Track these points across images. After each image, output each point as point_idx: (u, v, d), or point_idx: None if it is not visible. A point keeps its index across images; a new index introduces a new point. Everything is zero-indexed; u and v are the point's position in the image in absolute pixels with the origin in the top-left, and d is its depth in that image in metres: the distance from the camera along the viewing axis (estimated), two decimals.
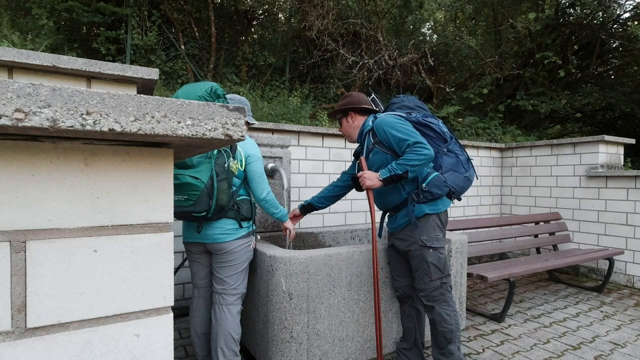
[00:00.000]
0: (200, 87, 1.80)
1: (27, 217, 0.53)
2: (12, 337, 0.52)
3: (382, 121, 2.06)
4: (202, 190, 1.77)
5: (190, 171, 1.78)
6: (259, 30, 7.31)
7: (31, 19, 4.72)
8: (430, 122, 2.12)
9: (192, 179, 1.76)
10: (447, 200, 2.08)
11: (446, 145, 2.12)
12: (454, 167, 2.09)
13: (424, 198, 2.00)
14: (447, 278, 2.02)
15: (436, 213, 2.01)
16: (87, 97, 0.48)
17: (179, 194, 1.78)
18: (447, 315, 1.97)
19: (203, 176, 1.78)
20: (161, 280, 0.63)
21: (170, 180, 0.64)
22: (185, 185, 1.76)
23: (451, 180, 2.06)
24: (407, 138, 1.94)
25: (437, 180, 2.01)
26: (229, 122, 0.58)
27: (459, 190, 2.09)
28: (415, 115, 2.14)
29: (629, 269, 4.12)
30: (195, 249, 2.03)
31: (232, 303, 1.98)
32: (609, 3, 6.28)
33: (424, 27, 8.48)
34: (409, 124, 2.03)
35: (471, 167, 2.15)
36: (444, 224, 2.08)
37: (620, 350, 2.58)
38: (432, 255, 1.98)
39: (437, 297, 1.98)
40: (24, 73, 1.48)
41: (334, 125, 5.68)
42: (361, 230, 3.08)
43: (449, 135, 2.14)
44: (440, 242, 2.01)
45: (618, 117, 8.35)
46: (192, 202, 1.77)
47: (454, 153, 2.11)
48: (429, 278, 1.98)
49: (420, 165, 1.91)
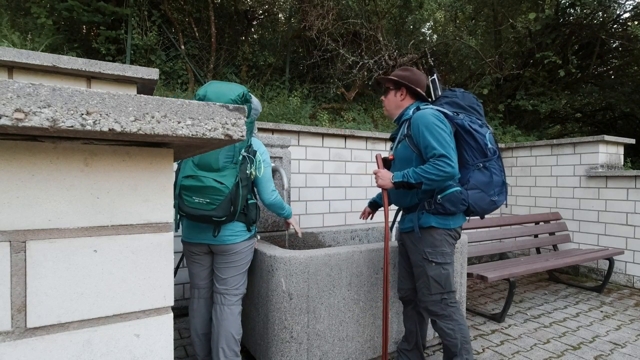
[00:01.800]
0: (233, 89, 1.80)
1: (27, 217, 0.53)
2: (12, 337, 0.52)
3: (421, 116, 1.89)
4: (226, 195, 1.75)
5: (215, 175, 1.76)
6: (259, 30, 7.31)
7: (31, 18, 4.72)
8: (476, 129, 1.90)
9: (217, 183, 1.74)
10: (461, 218, 1.95)
11: (484, 160, 1.91)
12: (483, 187, 1.90)
13: (435, 209, 1.89)
14: (449, 294, 1.91)
15: (445, 228, 1.90)
16: (87, 97, 0.48)
17: (200, 196, 1.75)
18: (450, 330, 1.90)
19: (228, 181, 1.77)
20: (161, 280, 0.63)
21: (170, 180, 0.64)
22: (209, 189, 1.73)
23: (474, 200, 1.89)
24: (436, 147, 1.79)
25: (454, 197, 1.86)
26: (229, 122, 0.58)
27: (479, 211, 1.93)
28: (463, 118, 1.92)
29: (629, 269, 4.12)
30: (197, 250, 2.01)
31: (234, 303, 1.98)
32: (609, 3, 6.27)
33: (424, 27, 8.48)
34: (447, 129, 1.85)
35: (504, 193, 1.94)
36: (454, 240, 1.95)
37: (620, 350, 2.58)
38: (433, 269, 1.89)
39: (438, 312, 1.92)
40: (24, 73, 1.48)
41: (334, 125, 5.68)
42: (361, 230, 3.08)
43: (492, 151, 1.91)
44: (446, 258, 1.90)
45: (618, 117, 8.35)
46: (214, 207, 1.75)
47: (490, 172, 1.90)
48: (428, 292, 1.91)
49: (437, 181, 1.78)
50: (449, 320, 1.91)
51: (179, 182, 1.78)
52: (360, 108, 6.58)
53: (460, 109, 1.97)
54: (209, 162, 1.78)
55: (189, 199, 1.76)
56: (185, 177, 1.76)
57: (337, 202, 3.85)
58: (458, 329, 1.90)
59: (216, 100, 1.75)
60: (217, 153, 1.78)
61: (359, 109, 6.53)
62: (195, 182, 1.74)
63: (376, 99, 7.00)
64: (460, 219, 1.95)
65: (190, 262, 2.09)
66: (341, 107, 6.45)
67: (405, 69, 2.08)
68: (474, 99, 2.02)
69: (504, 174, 1.96)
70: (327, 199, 3.78)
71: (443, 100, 2.01)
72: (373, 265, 2.18)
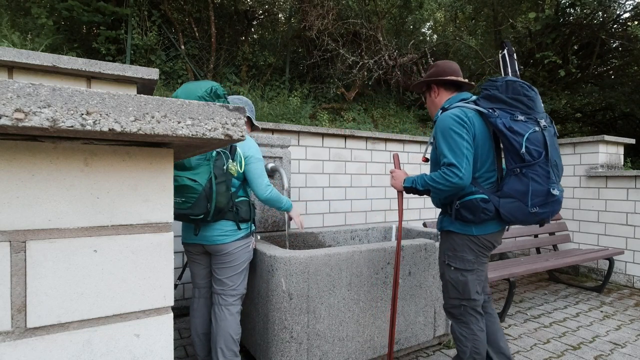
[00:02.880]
0: (201, 86, 1.78)
1: (27, 217, 0.53)
2: (12, 337, 0.52)
3: (440, 120, 1.77)
4: (200, 193, 1.75)
5: (188, 173, 1.76)
6: (259, 30, 7.31)
7: (31, 18, 4.72)
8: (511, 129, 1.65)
9: (190, 181, 1.74)
10: (491, 225, 1.78)
11: (521, 165, 1.65)
12: (519, 196, 1.66)
13: (455, 215, 1.80)
14: (470, 302, 1.83)
15: (466, 234, 1.79)
16: (87, 97, 0.48)
17: (177, 196, 1.77)
18: (463, 337, 1.86)
19: (201, 179, 1.76)
20: (161, 280, 0.63)
21: (170, 180, 0.64)
22: (184, 188, 1.74)
23: (508, 210, 1.68)
24: (447, 154, 1.67)
25: (472, 204, 1.72)
26: (229, 122, 0.58)
27: (514, 221, 1.72)
28: (498, 116, 1.68)
29: (629, 269, 4.12)
30: (194, 250, 2.03)
31: (232, 303, 1.98)
32: (609, 3, 6.27)
33: (424, 27, 8.48)
34: (465, 134, 1.68)
35: (550, 204, 1.64)
36: (481, 247, 1.80)
37: (620, 350, 2.58)
38: (452, 273, 1.84)
39: (456, 315, 1.89)
40: (24, 73, 1.48)
41: (334, 125, 5.68)
42: (361, 230, 3.08)
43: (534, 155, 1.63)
44: (466, 264, 1.80)
45: (618, 117, 8.35)
46: (190, 205, 1.75)
47: (528, 179, 1.64)
48: (447, 295, 1.89)
49: (444, 191, 1.69)
50: (465, 326, 1.86)
51: None
52: (360, 108, 6.58)
53: (500, 103, 1.71)
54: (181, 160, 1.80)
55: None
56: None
57: (337, 202, 3.85)
58: (471, 338, 1.84)
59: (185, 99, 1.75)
60: None
61: (359, 109, 6.53)
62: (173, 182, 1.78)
63: (376, 99, 7.00)
64: (489, 226, 1.77)
65: (190, 262, 2.10)
66: (341, 107, 6.45)
67: (431, 67, 1.98)
68: (520, 88, 1.68)
69: (551, 180, 1.63)
70: (327, 199, 3.78)
71: (482, 93, 1.79)
72: (373, 266, 2.18)
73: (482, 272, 1.88)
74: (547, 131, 1.67)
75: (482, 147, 1.76)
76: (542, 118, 1.69)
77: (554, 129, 1.72)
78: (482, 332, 1.88)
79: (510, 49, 1.87)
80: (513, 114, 1.68)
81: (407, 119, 6.72)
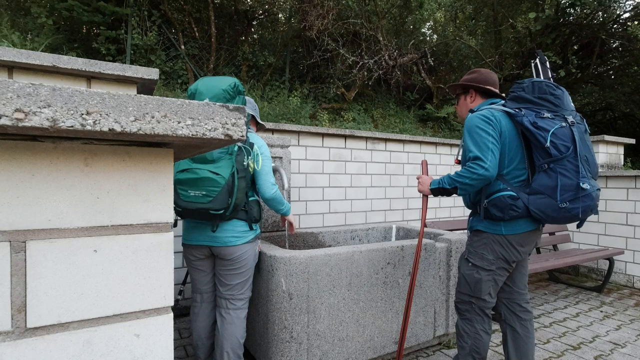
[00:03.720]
0: (224, 80, 1.75)
1: (27, 217, 0.53)
2: (12, 337, 0.52)
3: (467, 121, 1.82)
4: (223, 186, 1.67)
5: (210, 166, 1.68)
6: (259, 30, 7.31)
7: (31, 18, 4.73)
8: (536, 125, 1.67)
9: (212, 174, 1.66)
10: (522, 224, 1.76)
11: (548, 160, 1.65)
12: (548, 191, 1.65)
13: (483, 214, 1.81)
14: (479, 301, 1.85)
15: (494, 233, 1.79)
16: (87, 97, 0.48)
17: (196, 189, 1.66)
18: (465, 333, 1.88)
19: (224, 172, 1.69)
20: (161, 280, 0.63)
21: (170, 180, 0.64)
22: (204, 181, 1.65)
23: (537, 206, 1.68)
24: (472, 149, 1.71)
25: (500, 202, 1.73)
26: (229, 122, 0.58)
27: (545, 218, 1.69)
28: (524, 114, 1.71)
29: (629, 269, 4.12)
30: (198, 253, 1.90)
31: (240, 307, 1.92)
32: (609, 3, 6.28)
33: (424, 27, 8.48)
34: (491, 131, 1.71)
35: (581, 199, 1.61)
36: (508, 248, 1.78)
37: (620, 350, 2.58)
38: (467, 268, 1.87)
39: (461, 310, 1.91)
40: (24, 73, 1.48)
41: (334, 125, 5.68)
42: (361, 230, 3.08)
43: (561, 149, 1.63)
44: (484, 263, 1.81)
45: (618, 117, 8.36)
46: (210, 199, 1.67)
47: (556, 174, 1.64)
48: (458, 288, 1.93)
49: (471, 185, 1.70)
50: (469, 323, 1.87)
51: (175, 177, 1.67)
52: (360, 108, 6.58)
53: (527, 103, 1.75)
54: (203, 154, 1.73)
55: (184, 193, 1.67)
56: (180, 172, 1.68)
57: (337, 202, 3.85)
58: (473, 336, 1.85)
59: (207, 93, 1.71)
60: None
61: (359, 109, 6.53)
62: (190, 175, 1.66)
63: (376, 99, 7.00)
64: (519, 225, 1.76)
65: (191, 268, 1.98)
66: (341, 107, 6.45)
67: (472, 72, 2.02)
68: (546, 87, 1.72)
69: (580, 175, 1.61)
70: (327, 199, 3.78)
71: (509, 96, 1.84)
72: (373, 266, 2.18)
73: (500, 275, 1.84)
74: (576, 127, 1.67)
75: (509, 144, 1.77)
76: (570, 115, 1.71)
77: (584, 126, 1.73)
78: (486, 333, 1.87)
79: (542, 58, 1.90)
80: (539, 112, 1.70)
81: (407, 119, 6.72)
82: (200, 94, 1.72)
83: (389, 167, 4.15)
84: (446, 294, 2.50)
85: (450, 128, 6.77)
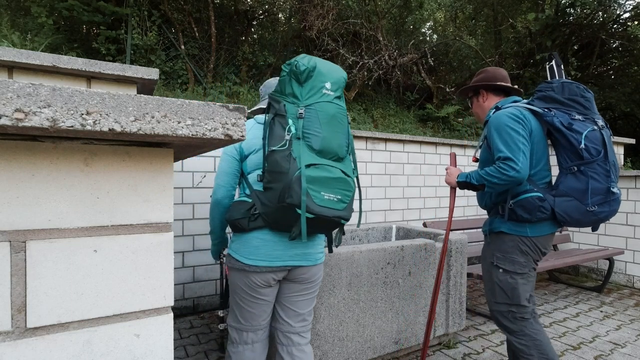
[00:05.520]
0: (340, 69, 1.48)
1: (27, 217, 0.53)
2: (12, 337, 0.52)
3: (495, 118, 1.75)
4: (353, 191, 1.38)
5: (340, 165, 1.38)
6: (259, 30, 7.31)
7: (31, 18, 4.73)
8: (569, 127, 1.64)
9: (344, 175, 1.35)
10: (546, 226, 1.73)
11: (579, 163, 1.63)
12: (576, 194, 1.63)
13: (508, 215, 1.74)
14: (519, 308, 1.74)
15: (519, 235, 1.73)
16: (87, 97, 0.48)
17: (330, 191, 1.30)
18: (523, 346, 1.73)
19: (350, 172, 1.41)
20: (161, 280, 0.63)
21: (170, 180, 0.64)
22: (339, 182, 1.32)
23: (563, 209, 1.65)
24: (502, 149, 1.64)
25: (528, 203, 1.68)
26: (229, 122, 0.58)
27: (570, 221, 1.67)
28: (554, 115, 1.69)
29: (629, 269, 4.13)
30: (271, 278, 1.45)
31: (309, 339, 1.60)
32: (609, 3, 6.28)
33: (424, 27, 8.49)
34: (522, 130, 1.67)
35: (609, 202, 1.61)
36: (534, 249, 1.74)
37: (620, 350, 2.58)
38: (500, 275, 1.76)
39: (508, 327, 1.77)
40: (24, 73, 1.48)
41: None
42: (361, 230, 3.08)
43: (593, 153, 1.61)
44: (516, 267, 1.73)
45: (618, 117, 8.36)
46: (345, 205, 1.34)
47: (587, 177, 1.62)
48: (494, 298, 1.80)
49: (500, 185, 1.65)
50: (521, 335, 1.74)
51: (303, 172, 1.26)
52: (360, 108, 6.58)
53: (556, 104, 1.72)
54: (333, 148, 1.37)
55: (317, 195, 1.27)
56: (308, 166, 1.29)
57: None
58: (533, 344, 1.71)
59: (329, 75, 1.41)
60: (339, 137, 1.39)
61: (359, 109, 6.53)
62: (323, 173, 1.29)
63: (376, 99, 7.00)
64: (544, 227, 1.73)
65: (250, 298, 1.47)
66: None
67: (480, 72, 1.98)
68: (577, 89, 1.70)
69: (610, 179, 1.61)
70: None
71: (535, 95, 1.80)
72: (373, 265, 2.18)
73: (532, 277, 1.79)
74: (605, 131, 1.67)
75: (537, 145, 1.73)
76: (600, 119, 1.70)
77: (609, 130, 1.73)
78: (541, 333, 1.74)
79: (558, 60, 1.86)
80: (569, 114, 1.68)
81: (407, 119, 6.73)
82: (321, 74, 1.39)
83: (389, 167, 4.15)
84: (446, 294, 2.50)
85: (450, 128, 6.77)
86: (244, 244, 1.43)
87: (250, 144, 1.50)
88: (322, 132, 1.34)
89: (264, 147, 1.36)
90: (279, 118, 1.35)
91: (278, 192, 1.29)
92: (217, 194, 1.52)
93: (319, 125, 1.34)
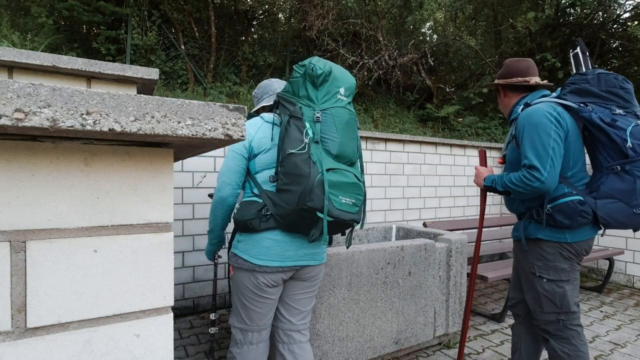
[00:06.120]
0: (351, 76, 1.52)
1: (27, 217, 0.53)
2: (12, 337, 0.52)
3: (527, 115, 1.60)
4: (364, 194, 1.41)
5: (353, 169, 1.40)
6: (259, 30, 7.31)
7: (31, 18, 4.73)
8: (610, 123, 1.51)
9: (356, 179, 1.38)
10: (587, 230, 1.61)
11: (623, 162, 1.50)
12: (621, 195, 1.51)
13: (545, 221, 1.61)
14: (568, 315, 1.63)
15: (558, 242, 1.61)
16: (87, 97, 0.48)
17: (346, 195, 1.33)
18: (564, 354, 1.64)
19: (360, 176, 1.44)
20: (161, 280, 0.63)
21: (170, 180, 0.64)
22: (354, 187, 1.35)
23: (607, 211, 1.53)
24: (529, 155, 1.53)
25: (568, 207, 1.55)
26: (229, 122, 0.58)
27: (613, 224, 1.56)
28: (592, 110, 1.55)
29: (629, 269, 4.12)
30: (280, 278, 1.48)
31: (308, 336, 1.64)
32: (609, 3, 6.28)
33: (424, 27, 8.49)
34: (551, 132, 1.52)
35: None
36: (576, 254, 1.63)
37: (620, 350, 2.58)
38: (545, 285, 1.64)
39: (553, 332, 1.68)
40: (24, 73, 1.48)
41: None
42: (361, 230, 3.08)
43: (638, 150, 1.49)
44: (560, 274, 1.62)
45: None
46: (357, 209, 1.37)
47: (633, 176, 1.49)
48: (540, 309, 1.68)
49: (524, 194, 1.57)
50: (566, 342, 1.65)
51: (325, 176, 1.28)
52: (360, 108, 6.58)
53: (593, 97, 1.57)
54: (347, 153, 1.40)
55: (336, 199, 1.30)
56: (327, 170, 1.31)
57: None
58: (575, 355, 1.63)
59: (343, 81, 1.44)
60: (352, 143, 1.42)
61: (359, 109, 6.53)
62: (341, 178, 1.32)
63: (376, 99, 7.00)
64: (585, 232, 1.61)
65: (256, 298, 1.48)
66: None
67: (503, 66, 1.84)
68: (615, 80, 1.56)
69: None
70: None
71: (567, 88, 1.64)
72: (373, 265, 2.18)
73: (577, 280, 1.69)
74: None
75: (574, 144, 1.60)
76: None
77: None
78: (585, 345, 1.67)
79: (583, 47, 1.72)
80: (609, 108, 1.55)
81: (407, 119, 6.73)
82: (336, 80, 1.41)
83: (389, 167, 4.15)
84: (446, 294, 2.50)
85: (450, 128, 6.77)
86: (253, 244, 1.42)
87: (260, 143, 1.47)
88: (339, 138, 1.37)
89: (279, 149, 1.35)
90: (295, 120, 1.35)
91: (297, 194, 1.29)
92: (223, 192, 1.50)
93: (335, 130, 1.37)
